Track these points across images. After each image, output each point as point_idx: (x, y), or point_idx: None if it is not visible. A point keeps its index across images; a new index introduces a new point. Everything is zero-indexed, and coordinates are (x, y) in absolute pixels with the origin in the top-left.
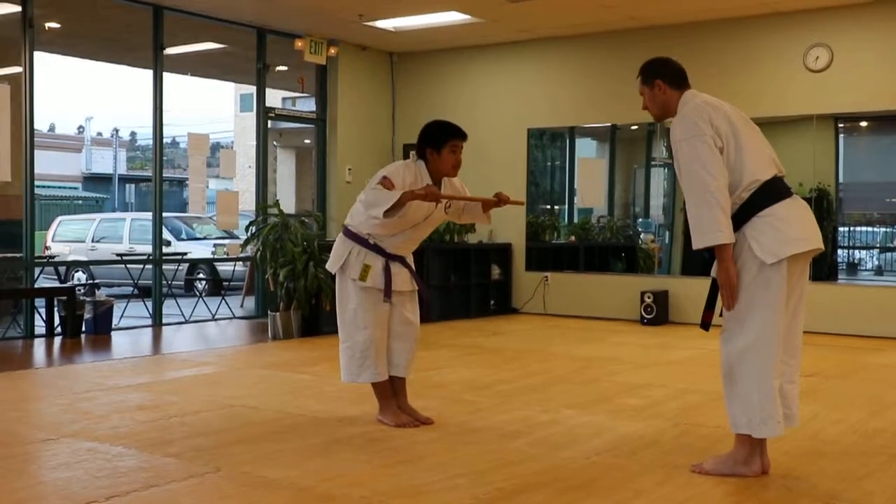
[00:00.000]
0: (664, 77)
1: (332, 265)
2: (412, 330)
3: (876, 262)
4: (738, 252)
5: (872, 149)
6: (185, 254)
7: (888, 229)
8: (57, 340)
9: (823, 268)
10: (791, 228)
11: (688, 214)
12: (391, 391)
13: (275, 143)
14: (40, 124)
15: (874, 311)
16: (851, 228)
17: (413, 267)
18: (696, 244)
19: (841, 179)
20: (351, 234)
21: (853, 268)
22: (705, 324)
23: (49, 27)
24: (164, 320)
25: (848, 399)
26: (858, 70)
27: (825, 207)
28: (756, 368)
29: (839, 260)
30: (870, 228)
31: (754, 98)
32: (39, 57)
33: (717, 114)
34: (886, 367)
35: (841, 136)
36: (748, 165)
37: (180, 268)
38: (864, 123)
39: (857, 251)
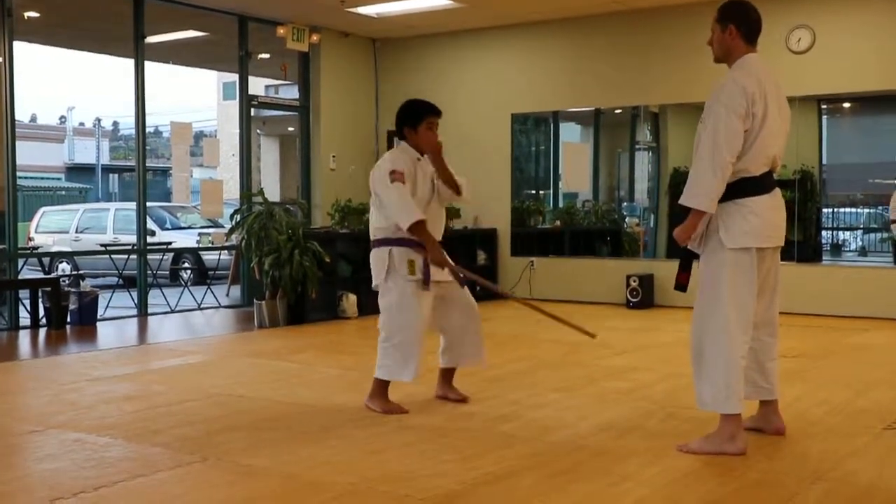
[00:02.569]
0: (740, 25)
1: (376, 277)
2: (475, 317)
3: (860, 243)
4: (711, 231)
5: (855, 130)
6: (170, 243)
7: (871, 210)
8: (42, 332)
9: (808, 249)
10: (759, 223)
11: (692, 171)
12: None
13: (258, 131)
14: (21, 115)
15: (858, 291)
16: (835, 210)
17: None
18: (686, 201)
19: (824, 161)
20: (385, 241)
21: (837, 249)
22: (682, 285)
23: (28, 17)
24: (150, 310)
25: (832, 379)
26: (841, 51)
27: (809, 189)
28: (724, 348)
29: (823, 241)
30: (853, 210)
31: None
32: (19, 47)
33: (759, 99)
34: (870, 348)
35: (824, 117)
36: (749, 157)
37: (165, 257)
38: (846, 105)
39: (840, 232)
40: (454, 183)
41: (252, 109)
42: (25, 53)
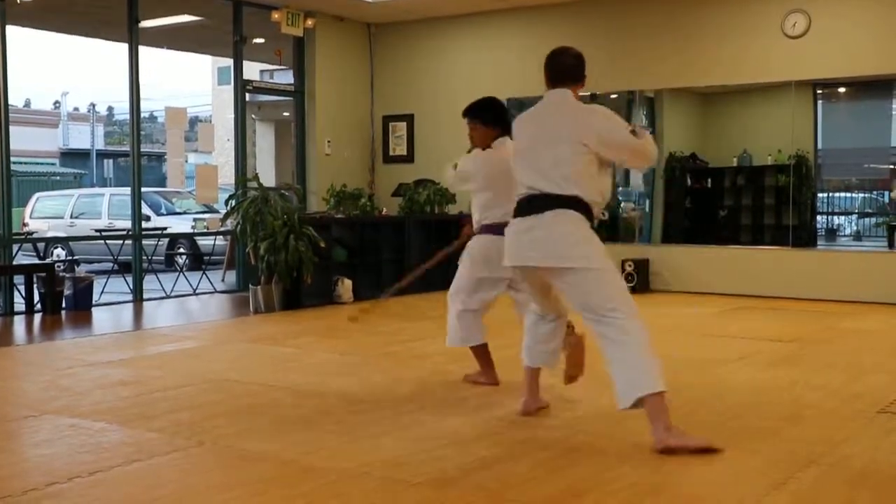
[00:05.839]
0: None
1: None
2: None
3: (854, 228)
4: None
5: (851, 115)
6: (165, 229)
7: (866, 195)
8: (37, 317)
9: (802, 234)
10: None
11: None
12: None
13: (253, 116)
14: (15, 100)
15: (853, 276)
16: (830, 195)
17: None
18: None
19: (820, 146)
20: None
21: (832, 234)
22: None
23: (21, 0)
24: (145, 295)
25: (827, 364)
26: (836, 36)
27: (803, 174)
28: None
29: (818, 226)
30: (848, 194)
31: (733, 65)
32: (12, 31)
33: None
34: (865, 332)
35: (819, 102)
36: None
37: (160, 243)
38: (842, 89)
39: (835, 217)
40: None
41: (247, 94)
42: (19, 38)
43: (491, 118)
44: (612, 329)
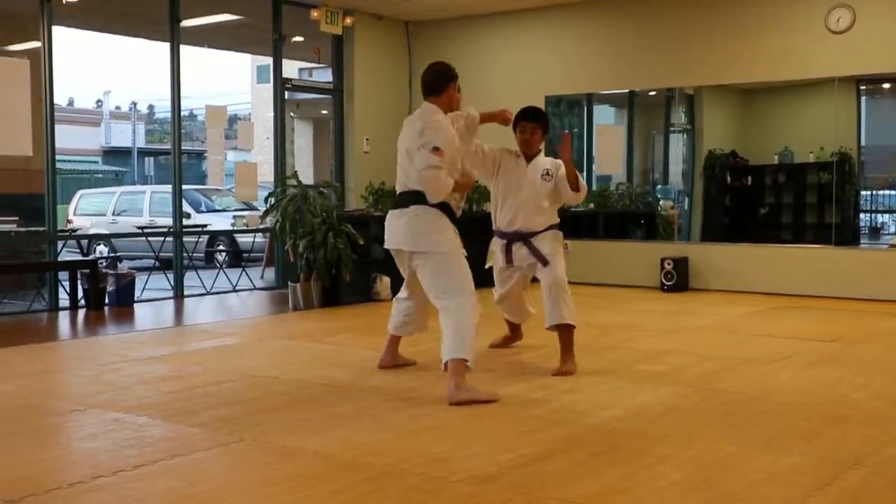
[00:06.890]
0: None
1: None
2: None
3: None
4: None
5: (895, 111)
6: (205, 226)
7: None
8: (81, 313)
9: (845, 232)
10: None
11: None
12: None
13: (292, 114)
14: (60, 98)
15: None
16: (874, 192)
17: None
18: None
19: (863, 143)
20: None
21: (876, 232)
22: None
23: (67, 1)
24: (186, 292)
25: (872, 364)
26: (881, 31)
27: (847, 171)
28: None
29: (861, 224)
30: (893, 192)
31: (776, 61)
32: (58, 31)
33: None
34: None
35: (863, 98)
36: None
37: (200, 240)
38: (886, 85)
39: (879, 215)
40: None
41: (286, 92)
42: (63, 37)
43: (548, 129)
44: (444, 305)
